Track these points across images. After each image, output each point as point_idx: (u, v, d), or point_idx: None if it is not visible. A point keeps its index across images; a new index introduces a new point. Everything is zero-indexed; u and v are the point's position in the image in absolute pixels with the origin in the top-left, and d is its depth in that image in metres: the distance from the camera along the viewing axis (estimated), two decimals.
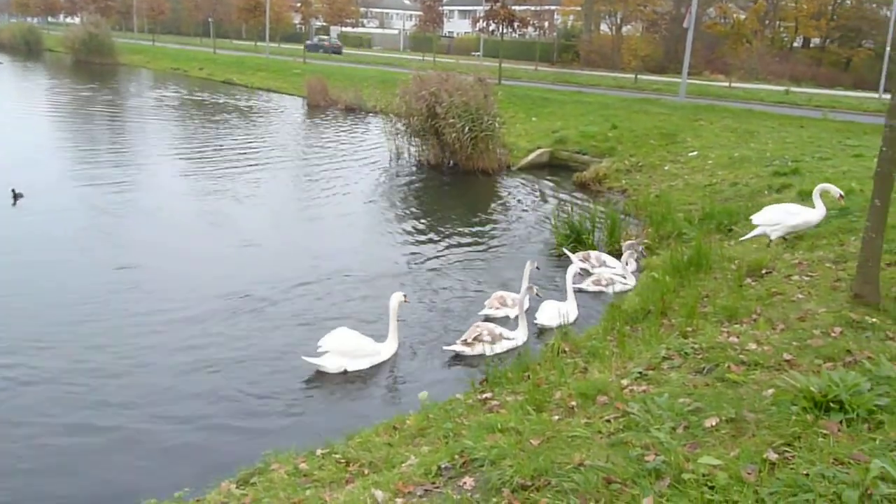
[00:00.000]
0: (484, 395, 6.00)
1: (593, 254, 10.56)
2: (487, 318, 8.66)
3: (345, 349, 7.29)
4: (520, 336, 8.06)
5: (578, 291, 9.41)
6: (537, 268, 9.08)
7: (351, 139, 23.45)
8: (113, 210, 13.02)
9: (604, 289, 9.71)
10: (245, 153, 19.70)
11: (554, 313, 8.47)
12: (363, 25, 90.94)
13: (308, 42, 61.65)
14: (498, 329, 7.93)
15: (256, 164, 18.08)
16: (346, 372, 7.26)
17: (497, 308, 8.92)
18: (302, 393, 6.85)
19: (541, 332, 8.44)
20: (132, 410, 6.40)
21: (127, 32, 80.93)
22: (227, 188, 15.23)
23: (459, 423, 5.22)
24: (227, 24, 76.72)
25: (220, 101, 33.45)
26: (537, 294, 8.53)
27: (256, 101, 34.14)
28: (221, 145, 20.86)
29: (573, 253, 10.56)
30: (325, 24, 65.74)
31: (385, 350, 7.62)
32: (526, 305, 8.40)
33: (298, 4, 56.60)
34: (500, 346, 7.79)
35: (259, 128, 25.39)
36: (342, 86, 33.01)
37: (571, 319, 8.47)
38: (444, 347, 7.80)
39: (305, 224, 12.92)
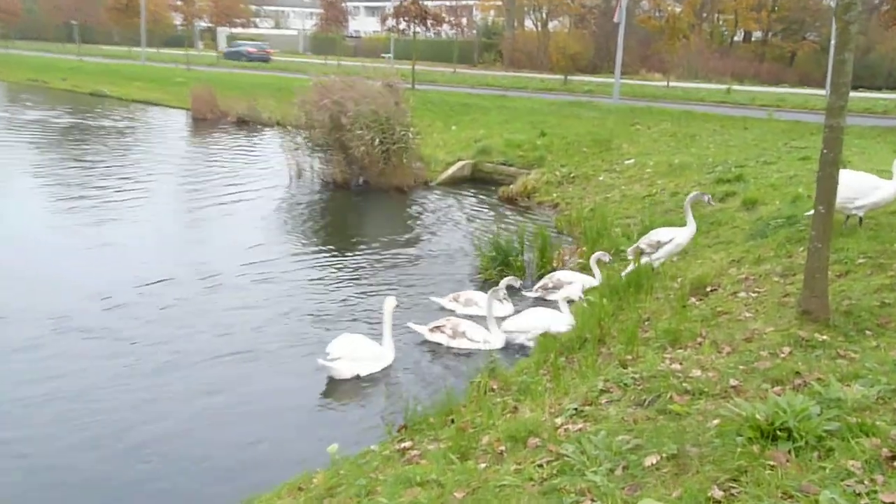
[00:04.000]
0: (402, 445, 5.99)
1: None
2: (442, 309, 9.90)
3: (355, 354, 8.09)
4: (493, 341, 8.91)
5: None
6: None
7: (244, 156, 23.24)
8: None
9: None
10: (119, 178, 19.24)
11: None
12: (256, 26, 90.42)
13: None
14: (463, 326, 8.92)
15: (133, 191, 17.65)
16: (358, 377, 8.06)
17: (451, 301, 10.08)
18: (190, 451, 6.69)
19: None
20: None
21: None
22: (99, 219, 14.82)
23: (374, 479, 5.20)
24: (96, 28, 75.25)
25: (88, 116, 32.68)
26: (504, 298, 9.52)
27: (132, 116, 33.50)
28: (89, 170, 20.31)
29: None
30: (210, 24, 65.13)
31: (388, 355, 8.41)
32: (504, 310, 9.70)
33: (179, 3, 56.06)
34: (459, 343, 8.84)
35: (135, 147, 24.89)
36: (233, 95, 32.75)
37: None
38: (409, 324, 9.11)
39: (192, 255, 12.65)
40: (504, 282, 9.83)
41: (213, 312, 9.99)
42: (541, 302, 10.24)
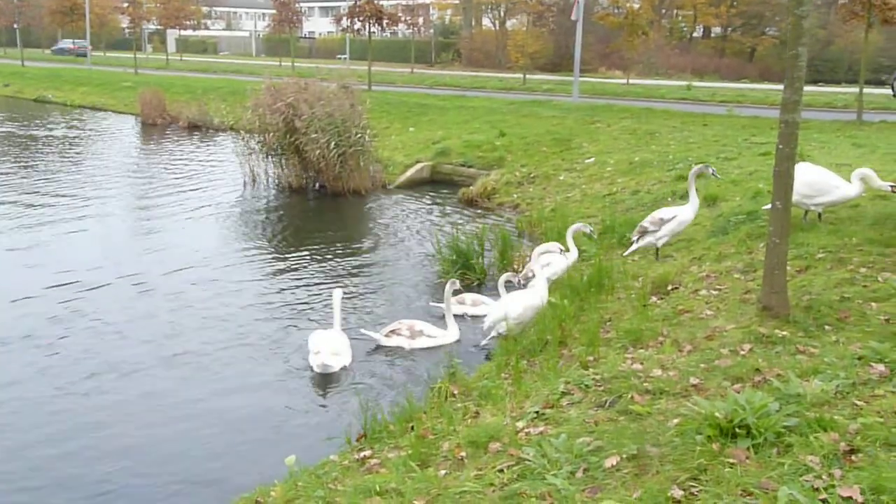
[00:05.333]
0: (362, 454, 5.99)
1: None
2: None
3: (335, 347, 8.39)
4: (449, 335, 9.19)
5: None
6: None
7: (196, 162, 23.00)
8: None
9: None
10: (64, 186, 18.93)
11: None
12: (206, 27, 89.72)
13: None
14: (419, 325, 9.13)
15: (79, 199, 17.37)
16: (344, 368, 8.39)
17: (457, 304, 10.04)
18: (134, 467, 6.58)
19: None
20: None
21: None
22: (41, 227, 14.55)
23: (333, 490, 5.18)
24: (39, 31, 74.14)
25: (32, 124, 32.15)
26: (461, 288, 9.90)
27: (78, 122, 33.03)
28: (33, 179, 19.95)
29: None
30: (159, 27, 64.49)
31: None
32: (474, 309, 9.91)
33: (126, 5, 55.41)
34: (420, 343, 9.00)
35: (82, 154, 24.52)
36: (183, 100, 32.53)
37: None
38: (362, 331, 9.17)
39: (140, 263, 12.48)
40: (503, 278, 9.72)
41: (158, 319, 9.94)
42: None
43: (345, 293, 10.28)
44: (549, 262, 9.89)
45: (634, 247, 10.11)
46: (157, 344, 9.12)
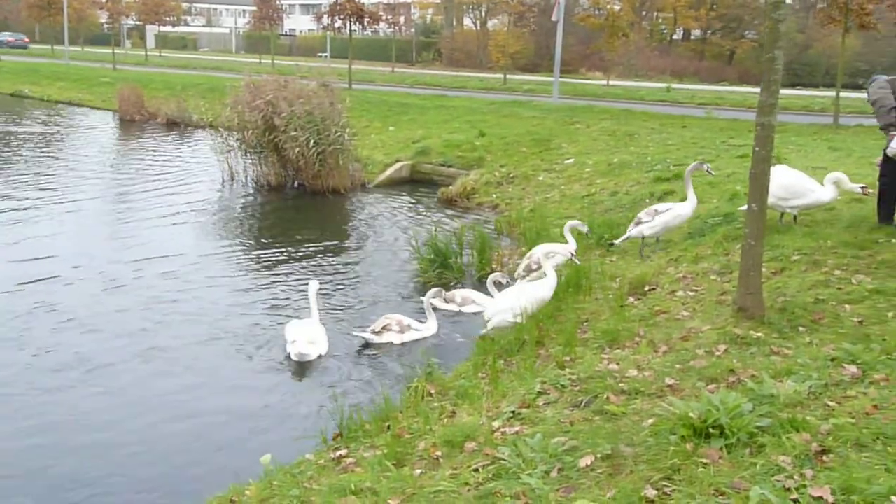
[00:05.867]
0: (338, 453, 5.98)
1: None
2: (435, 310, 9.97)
3: (312, 337, 8.61)
4: (429, 328, 9.47)
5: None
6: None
7: (174, 159, 22.86)
8: None
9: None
10: (40, 182, 18.77)
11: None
12: (186, 23, 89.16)
13: None
14: (406, 320, 9.35)
15: (54, 196, 17.21)
16: (320, 357, 8.61)
17: (444, 302, 10.38)
18: (107, 465, 6.53)
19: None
20: None
21: None
22: (18, 229, 14.42)
23: (308, 489, 5.17)
24: (17, 25, 73.51)
25: (9, 119, 31.84)
26: (444, 299, 10.22)
27: (55, 118, 32.75)
28: (7, 177, 19.73)
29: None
30: (138, 22, 64.02)
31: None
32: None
33: (105, 0, 54.95)
34: (409, 336, 9.22)
35: (59, 150, 24.30)
36: (162, 96, 32.32)
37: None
38: (354, 332, 9.23)
39: (114, 259, 12.38)
40: (491, 278, 9.84)
41: (132, 315, 9.88)
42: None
43: (323, 290, 10.28)
44: (553, 254, 9.82)
45: (627, 235, 10.37)
46: (130, 340, 9.06)
